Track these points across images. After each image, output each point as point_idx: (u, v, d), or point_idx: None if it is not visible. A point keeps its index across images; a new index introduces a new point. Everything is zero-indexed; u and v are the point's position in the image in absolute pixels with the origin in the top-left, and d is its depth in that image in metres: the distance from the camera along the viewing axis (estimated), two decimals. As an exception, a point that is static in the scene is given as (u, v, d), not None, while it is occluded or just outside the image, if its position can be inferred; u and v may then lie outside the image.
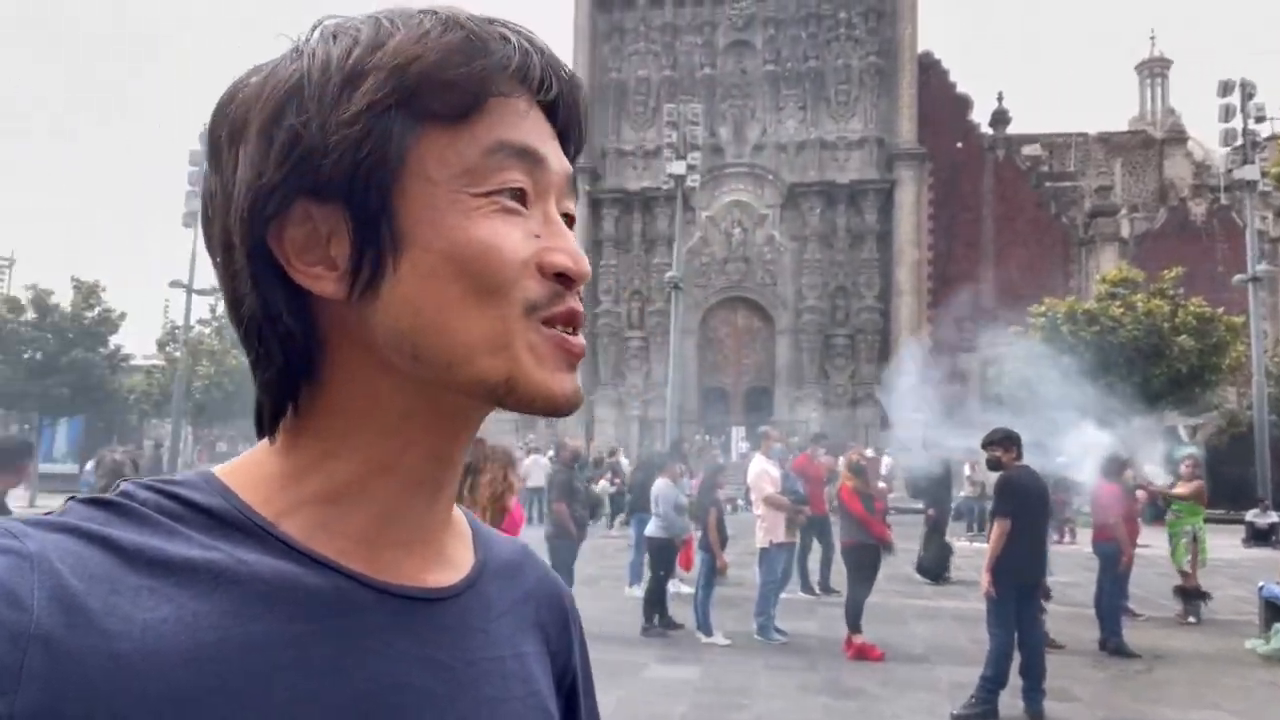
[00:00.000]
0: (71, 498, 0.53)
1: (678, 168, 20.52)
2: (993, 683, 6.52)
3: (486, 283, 0.54)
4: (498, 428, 37.24)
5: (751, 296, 38.82)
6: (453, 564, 0.62)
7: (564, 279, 0.56)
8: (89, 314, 24.85)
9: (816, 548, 11.68)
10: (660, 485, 9.34)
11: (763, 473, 9.07)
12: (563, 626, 0.70)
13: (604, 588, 12.02)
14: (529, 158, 0.56)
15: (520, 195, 0.56)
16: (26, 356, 25.14)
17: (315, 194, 0.54)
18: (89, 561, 0.48)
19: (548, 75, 0.58)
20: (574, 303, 0.57)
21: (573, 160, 0.62)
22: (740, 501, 16.69)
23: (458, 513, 0.66)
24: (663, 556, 9.27)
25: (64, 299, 25.47)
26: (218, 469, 0.58)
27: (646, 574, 9.85)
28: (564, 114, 0.60)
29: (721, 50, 40.14)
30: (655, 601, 9.16)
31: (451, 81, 0.54)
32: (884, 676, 7.60)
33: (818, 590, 11.52)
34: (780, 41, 39.70)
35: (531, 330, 0.55)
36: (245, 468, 0.58)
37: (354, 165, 0.53)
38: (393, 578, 0.57)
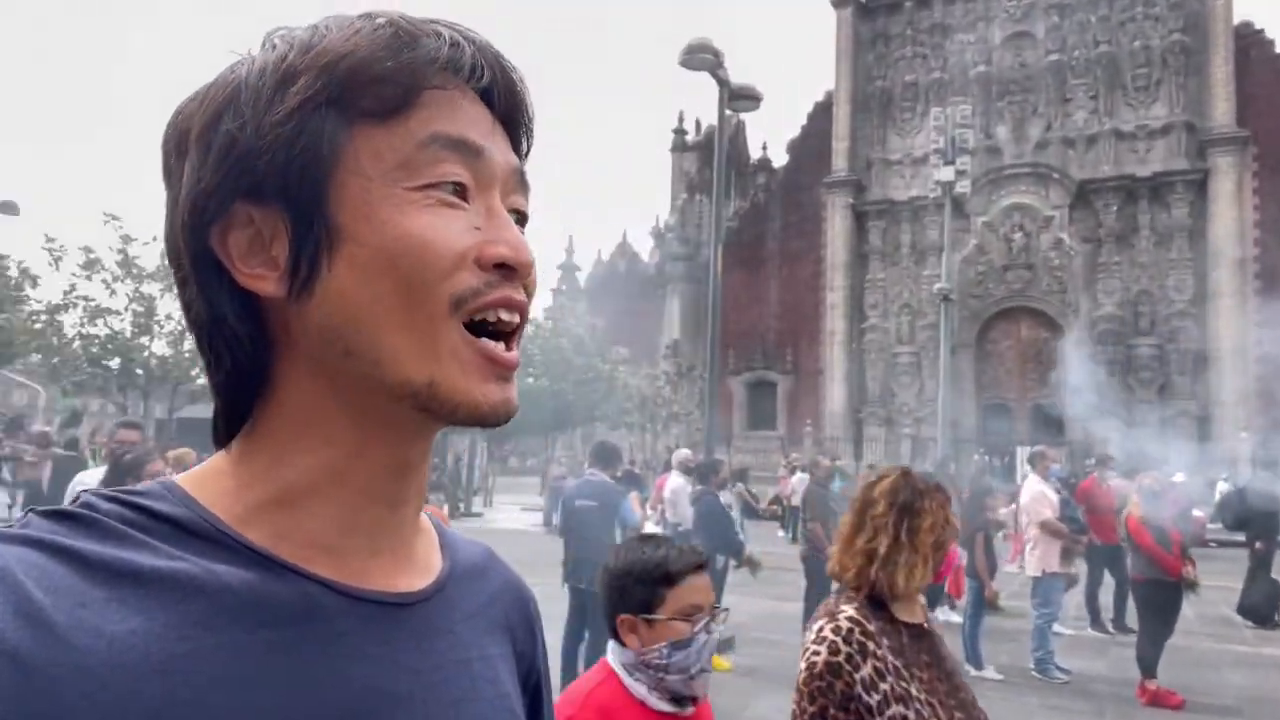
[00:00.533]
0: (30, 510, 0.53)
1: (945, 174, 19.52)
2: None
3: (417, 277, 0.53)
4: (761, 444, 37.28)
5: (1036, 306, 35.90)
6: (421, 568, 0.62)
7: (506, 269, 0.56)
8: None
9: (1109, 581, 10.56)
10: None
11: (1040, 496, 8.38)
12: (529, 627, 0.71)
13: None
14: (466, 149, 0.56)
15: (461, 189, 0.56)
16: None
17: (253, 195, 0.54)
18: (53, 574, 0.47)
19: (479, 64, 0.57)
20: (511, 290, 0.56)
21: (525, 155, 0.62)
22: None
23: (424, 517, 0.66)
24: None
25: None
26: (180, 478, 0.58)
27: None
28: (503, 102, 0.59)
29: (998, 45, 37.70)
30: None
31: (380, 76, 0.54)
32: (1186, 729, 6.70)
33: (1111, 628, 10.39)
34: (1066, 29, 36.59)
35: (457, 335, 0.54)
36: (207, 476, 0.58)
37: (287, 163, 0.53)
38: (360, 583, 0.57)
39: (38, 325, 21.41)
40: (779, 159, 44.23)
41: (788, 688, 7.41)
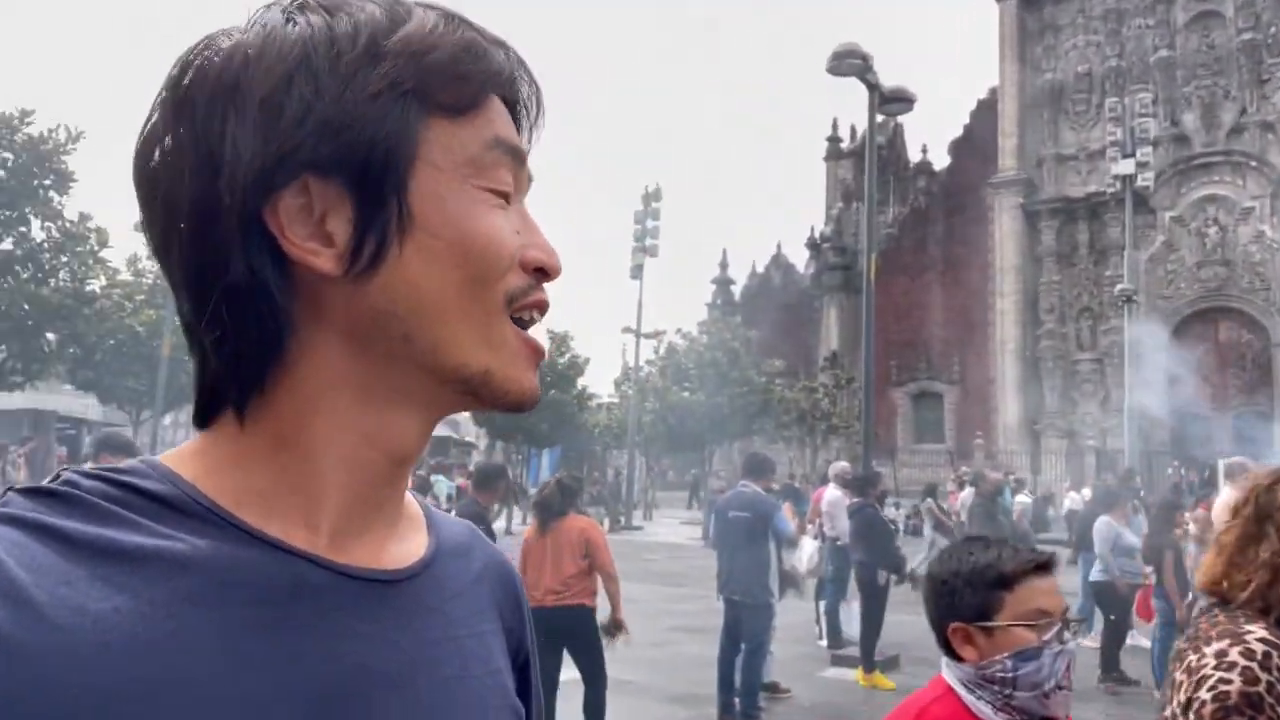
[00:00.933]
0: (9, 488, 0.52)
1: (1124, 167, 18.23)
2: None
3: (484, 273, 0.56)
4: (928, 457, 35.75)
5: (1236, 305, 32.82)
6: (407, 547, 0.62)
7: (540, 273, 0.59)
8: (561, 360, 28.79)
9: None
10: (1100, 524, 8.30)
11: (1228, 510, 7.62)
12: (515, 604, 0.70)
13: (1046, 634, 10.92)
14: (516, 157, 0.59)
15: (505, 194, 0.59)
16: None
17: (319, 168, 0.53)
18: (35, 553, 0.47)
19: (531, 86, 0.61)
20: (543, 294, 0.60)
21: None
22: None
23: (409, 496, 0.66)
24: (1108, 602, 8.20)
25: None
26: (163, 456, 0.57)
27: (1098, 621, 8.80)
28: (530, 117, 0.63)
29: (1181, 27, 34.88)
30: (1108, 653, 8.12)
31: (462, 75, 0.56)
32: None
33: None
34: (1259, 5, 33.41)
35: (508, 326, 0.58)
36: (193, 454, 0.56)
37: (372, 143, 0.53)
38: (349, 561, 0.56)
39: None
40: (940, 161, 42.69)
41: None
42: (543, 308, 0.60)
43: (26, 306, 17.15)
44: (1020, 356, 36.10)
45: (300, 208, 0.54)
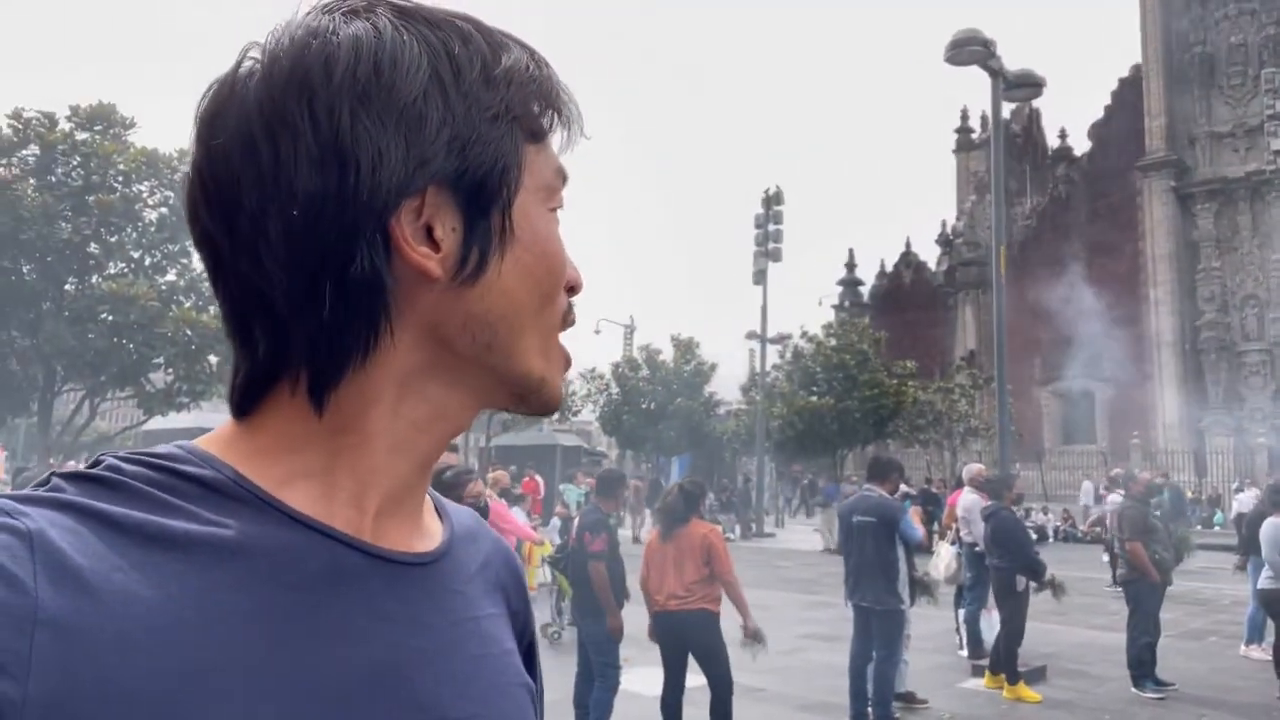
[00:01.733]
0: (53, 473, 0.53)
1: (1288, 139, 16.76)
2: None
3: (553, 289, 0.62)
4: (1078, 459, 33.76)
5: None
6: (428, 531, 0.64)
7: (572, 291, 0.64)
8: (687, 366, 28.94)
9: None
10: (1267, 527, 7.64)
11: None
12: (519, 588, 0.72)
13: (1213, 645, 10.16)
14: (565, 182, 0.64)
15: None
16: (644, 406, 30.22)
17: (442, 179, 0.56)
18: (88, 539, 0.48)
19: (570, 104, 0.65)
20: (573, 315, 0.65)
21: None
22: None
23: None
24: (1277, 610, 7.54)
25: (668, 354, 30.08)
26: (199, 441, 0.58)
27: (1270, 632, 8.12)
28: (572, 139, 0.65)
29: (1350, -15, 31.96)
30: (1284, 667, 7.47)
31: (548, 109, 0.62)
32: None
33: None
34: None
35: (558, 341, 0.64)
36: (232, 438, 0.58)
37: (492, 162, 0.58)
38: (385, 544, 0.59)
39: None
40: (1081, 146, 40.52)
41: (1102, 723, 6.65)
42: (573, 323, 0.65)
43: (189, 332, 18.53)
44: (1178, 350, 33.73)
45: (414, 213, 0.56)
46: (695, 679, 5.67)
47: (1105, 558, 17.64)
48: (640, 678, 7.25)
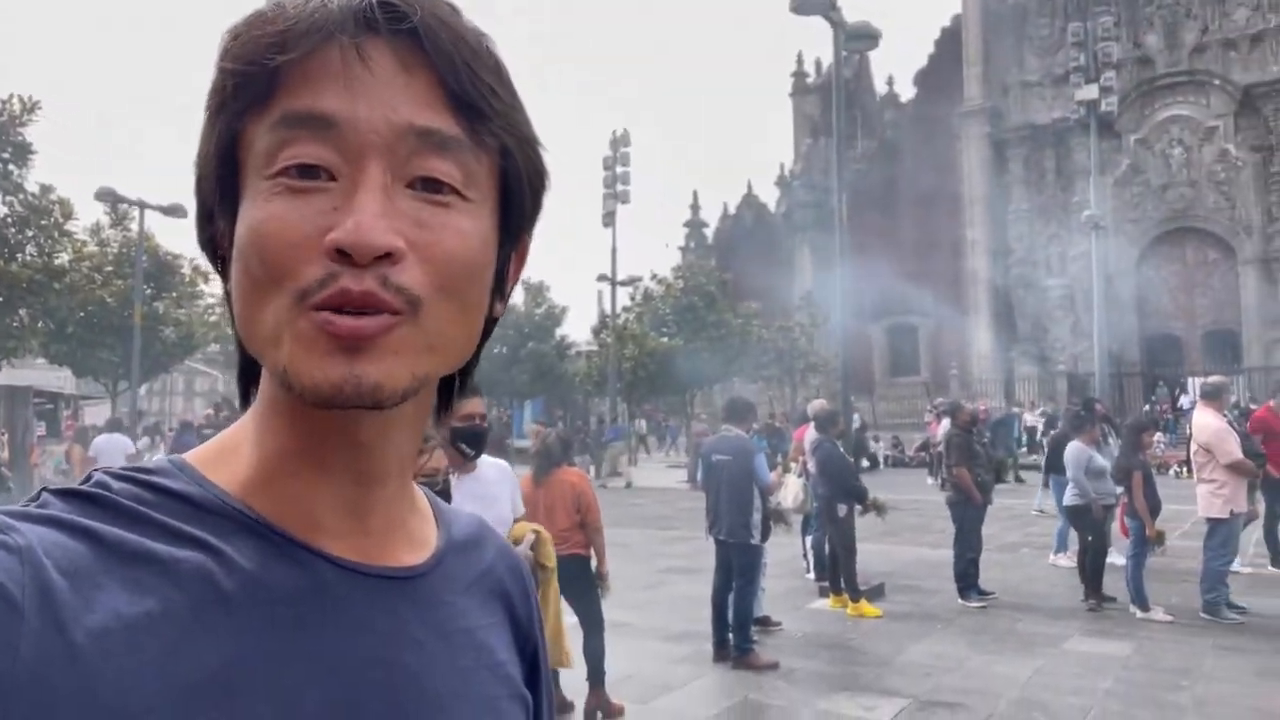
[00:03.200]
0: (44, 489, 0.53)
1: (1088, 92, 18.29)
2: None
3: (263, 272, 0.51)
4: (905, 390, 36.25)
5: (1202, 225, 33.27)
6: (417, 543, 0.63)
7: (343, 255, 0.50)
8: (538, 311, 28.88)
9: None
10: (1070, 449, 8.57)
11: (1224, 433, 7.84)
12: (525, 595, 0.71)
13: (1024, 556, 11.32)
14: (316, 123, 0.51)
15: (313, 169, 0.51)
16: (496, 350, 30.02)
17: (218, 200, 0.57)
18: (74, 555, 0.48)
19: (355, 13, 0.52)
20: (351, 282, 0.50)
21: (483, 103, 0.55)
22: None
23: (418, 491, 0.67)
24: (1084, 524, 8.51)
25: (518, 299, 29.87)
26: (189, 455, 0.58)
27: (1073, 542, 9.15)
28: (430, 44, 0.53)
29: (1142, -55, 34.71)
30: (1090, 573, 8.44)
31: (249, 65, 0.52)
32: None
33: (1295, 565, 9.72)
34: (1221, -82, 33.28)
35: (302, 320, 0.51)
36: (216, 453, 0.58)
37: (219, 167, 0.55)
38: (366, 559, 0.58)
39: (213, 318, 23.25)
40: (907, 93, 42.50)
41: (939, 632, 7.40)
42: (347, 299, 0.50)
43: (-8, 282, 16.92)
44: (991, 286, 36.47)
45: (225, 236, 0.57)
46: (567, 618, 5.87)
47: (931, 480, 19.18)
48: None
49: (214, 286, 26.40)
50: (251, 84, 0.52)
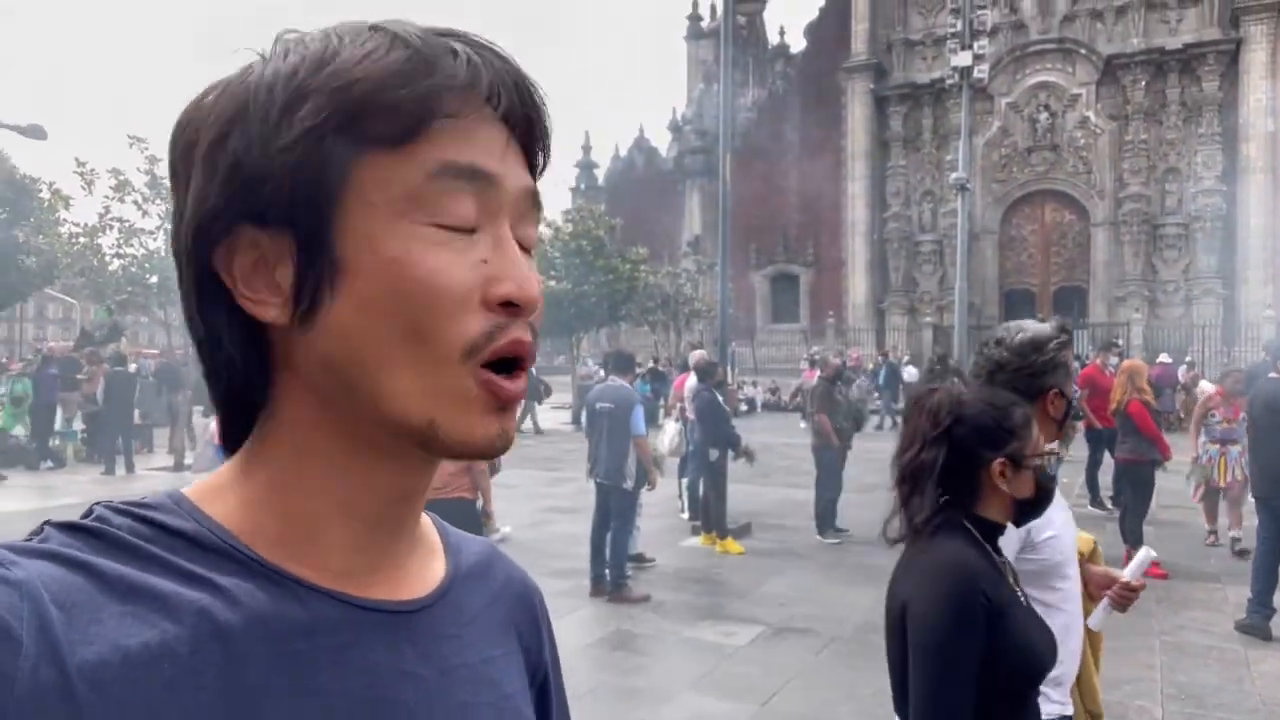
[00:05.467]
0: (47, 523, 0.52)
1: (963, 59, 19.16)
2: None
3: (423, 321, 0.52)
4: (785, 337, 37.63)
5: (1061, 188, 35.43)
6: (422, 576, 0.62)
7: (512, 307, 0.54)
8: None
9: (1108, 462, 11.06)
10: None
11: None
12: (533, 622, 0.71)
13: (880, 496, 12.19)
14: (478, 179, 0.54)
15: (469, 221, 0.54)
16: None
17: (259, 220, 0.53)
18: (72, 589, 0.47)
19: (497, 87, 0.55)
20: (520, 332, 0.54)
21: (540, 172, 0.60)
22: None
23: (425, 520, 0.66)
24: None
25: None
26: (187, 490, 0.57)
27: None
28: (521, 122, 0.57)
29: (1023, -87, 36.04)
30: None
31: (393, 104, 0.52)
32: (1162, 595, 7.29)
33: (1110, 505, 10.95)
34: (1095, -110, 34.84)
35: (468, 376, 0.53)
36: (213, 489, 0.57)
37: (293, 191, 0.52)
38: (367, 595, 0.57)
39: (77, 247, 22.07)
40: (798, 44, 43.14)
41: (797, 566, 8.06)
42: (519, 351, 0.54)
43: None
44: (869, 239, 37.97)
45: (255, 260, 0.54)
46: (454, 557, 6.22)
47: (804, 425, 20.25)
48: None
49: (75, 214, 24.68)
50: (389, 123, 0.52)
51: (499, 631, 0.66)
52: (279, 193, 0.52)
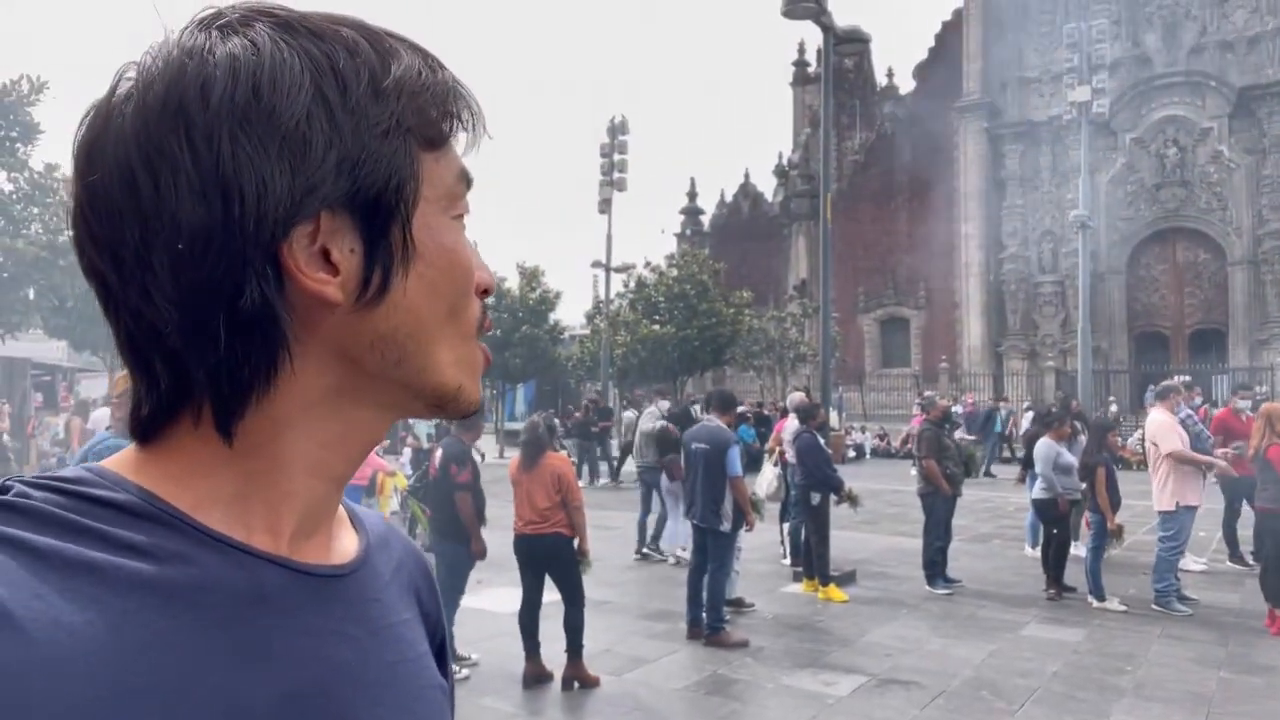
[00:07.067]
0: None
1: (1081, 94, 18.55)
2: None
3: (461, 300, 0.61)
4: (895, 382, 36.50)
5: (1193, 225, 33.58)
6: (344, 542, 0.65)
7: (485, 293, 0.64)
8: (533, 295, 29.07)
9: (1247, 513, 10.24)
10: (1040, 445, 8.94)
11: (1166, 426, 8.27)
12: (430, 589, 0.74)
13: (996, 547, 11.71)
14: (469, 185, 0.63)
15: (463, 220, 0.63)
16: (491, 333, 30.12)
17: (334, 203, 0.54)
18: (6, 567, 0.46)
19: (470, 106, 0.62)
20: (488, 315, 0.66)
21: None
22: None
23: None
24: (1050, 517, 8.88)
25: (513, 283, 30.15)
26: (107, 463, 0.57)
27: (1040, 533, 9.52)
28: (475, 140, 0.64)
29: (1145, -55, 34.84)
30: (1053, 564, 8.82)
31: (446, 114, 0.60)
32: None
33: (1250, 560, 10.11)
34: (1223, -80, 33.40)
35: (475, 349, 0.63)
36: (141, 463, 0.56)
37: (386, 180, 0.55)
38: (302, 558, 0.59)
39: None
40: (906, 85, 42.63)
41: (904, 616, 7.81)
42: (491, 325, 0.68)
43: (1, 259, 17.14)
44: (984, 280, 36.80)
45: (307, 238, 0.54)
46: (550, 595, 6.22)
47: (914, 472, 19.61)
48: (492, 598, 7.78)
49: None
50: (439, 129, 0.60)
51: (405, 596, 0.69)
52: (372, 178, 0.56)
